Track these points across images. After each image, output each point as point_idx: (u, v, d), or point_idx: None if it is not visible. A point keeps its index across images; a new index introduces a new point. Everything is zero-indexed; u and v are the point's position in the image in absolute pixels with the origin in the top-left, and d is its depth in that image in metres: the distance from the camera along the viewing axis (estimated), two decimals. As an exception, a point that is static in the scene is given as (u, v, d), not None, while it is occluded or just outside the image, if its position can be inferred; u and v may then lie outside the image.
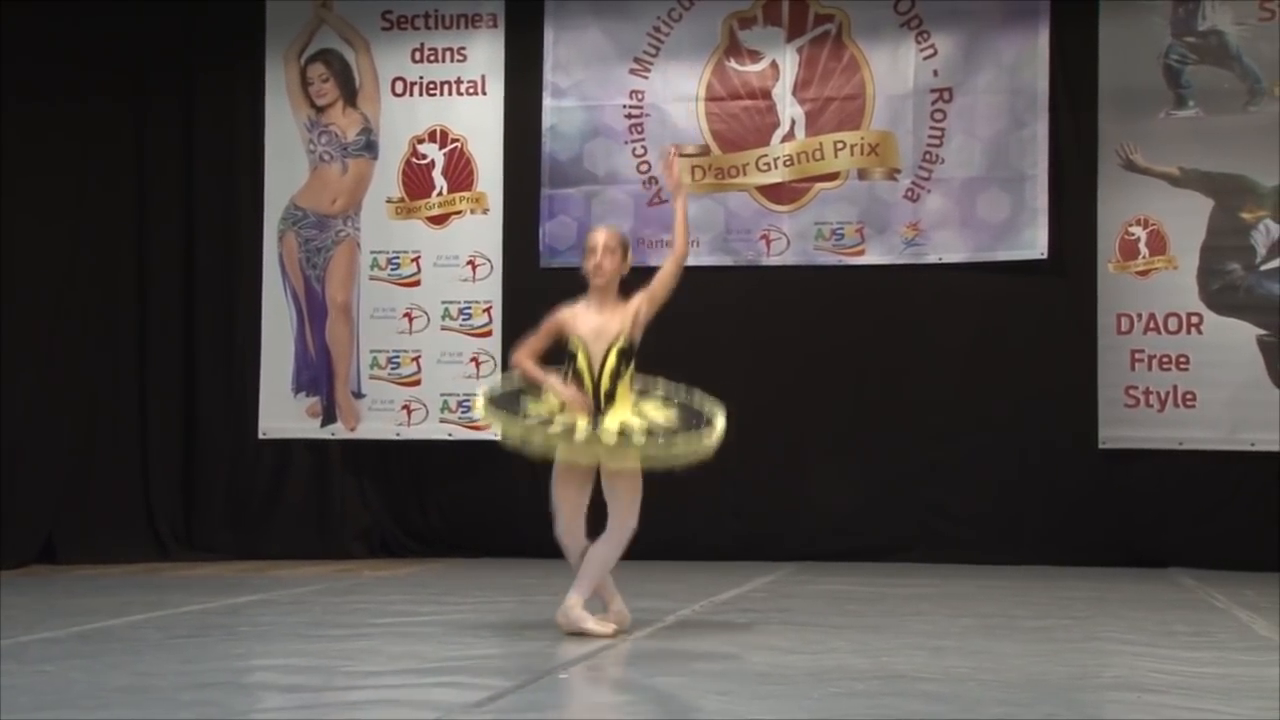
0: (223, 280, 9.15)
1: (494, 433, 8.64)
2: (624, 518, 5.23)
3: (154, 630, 5.43)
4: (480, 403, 5.38)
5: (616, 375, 5.26)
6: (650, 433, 5.13)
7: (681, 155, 8.75)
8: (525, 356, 5.38)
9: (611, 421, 5.15)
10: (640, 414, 5.22)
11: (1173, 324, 8.43)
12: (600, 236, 5.38)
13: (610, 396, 5.25)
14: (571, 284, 9.52)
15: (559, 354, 5.39)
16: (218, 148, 9.16)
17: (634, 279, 5.51)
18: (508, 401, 5.31)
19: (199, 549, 8.92)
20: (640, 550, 5.40)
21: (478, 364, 8.87)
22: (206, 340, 9.14)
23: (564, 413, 5.22)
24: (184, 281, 9.13)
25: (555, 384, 5.24)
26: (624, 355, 5.28)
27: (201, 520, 9.06)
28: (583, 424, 5.15)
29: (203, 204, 9.16)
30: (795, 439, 8.66)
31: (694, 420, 5.21)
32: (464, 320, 8.92)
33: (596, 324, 5.30)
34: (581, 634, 5.15)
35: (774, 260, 8.75)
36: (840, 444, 8.66)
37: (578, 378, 5.27)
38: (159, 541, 8.90)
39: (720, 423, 5.22)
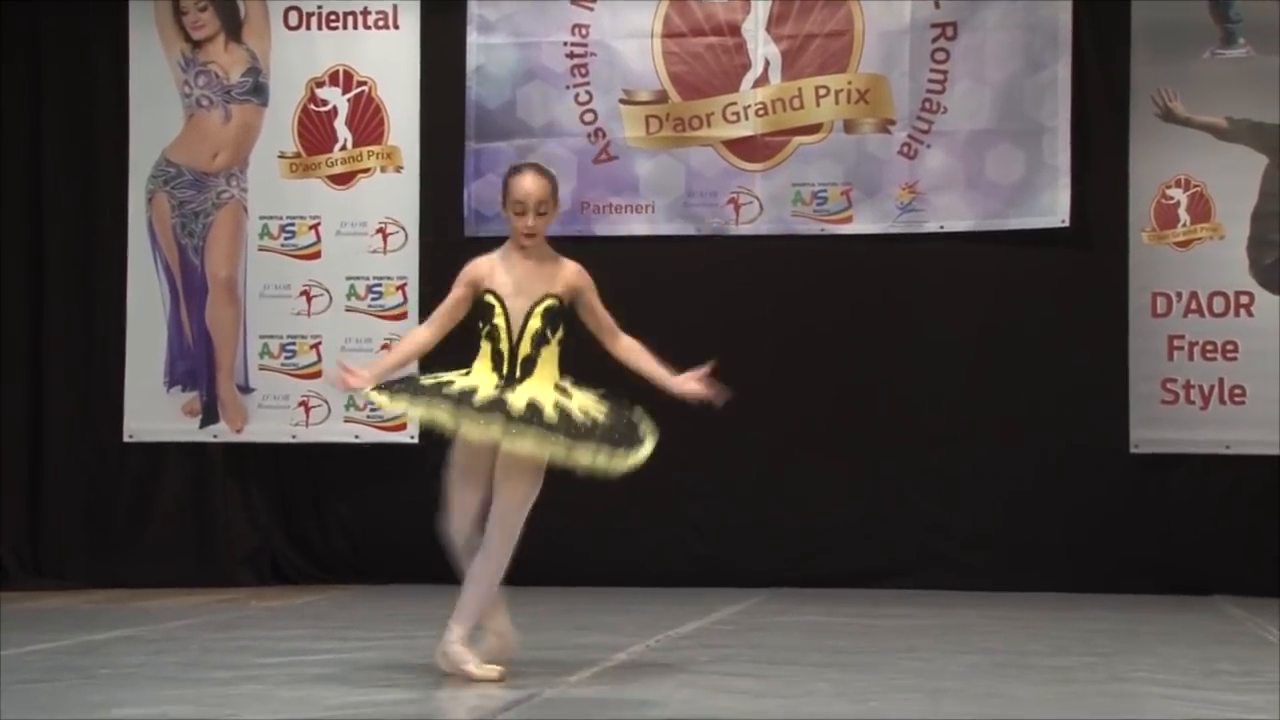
0: (78, 252, 9.09)
1: (410, 432, 8.70)
2: (508, 520, 5.19)
3: (-6, 674, 5.39)
4: (376, 394, 5.29)
5: (540, 340, 5.25)
6: (565, 417, 5.10)
7: (633, 103, 8.76)
8: (410, 339, 5.43)
9: (519, 396, 5.14)
10: (561, 394, 5.21)
11: (1218, 305, 8.50)
12: (529, 185, 5.29)
13: (529, 365, 5.23)
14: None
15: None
16: (70, 92, 9.08)
17: (578, 250, 5.52)
18: (395, 382, 5.29)
19: (48, 575, 8.87)
20: (583, 575, 5.42)
21: (390, 352, 8.83)
22: (58, 324, 9.07)
23: (466, 376, 5.22)
24: (30, 254, 9.06)
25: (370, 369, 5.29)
26: (551, 317, 5.27)
27: (51, 541, 9.00)
28: (486, 390, 5.13)
29: (53, 160, 9.08)
30: (769, 443, 8.69)
31: (620, 429, 5.18)
32: (373, 300, 8.91)
33: (518, 277, 5.29)
34: (464, 677, 5.15)
35: (744, 229, 8.77)
36: (822, 449, 8.70)
37: (493, 338, 5.26)
38: None
39: (647, 449, 5.18)
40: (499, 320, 5.26)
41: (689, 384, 5.35)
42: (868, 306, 8.74)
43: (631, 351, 5.41)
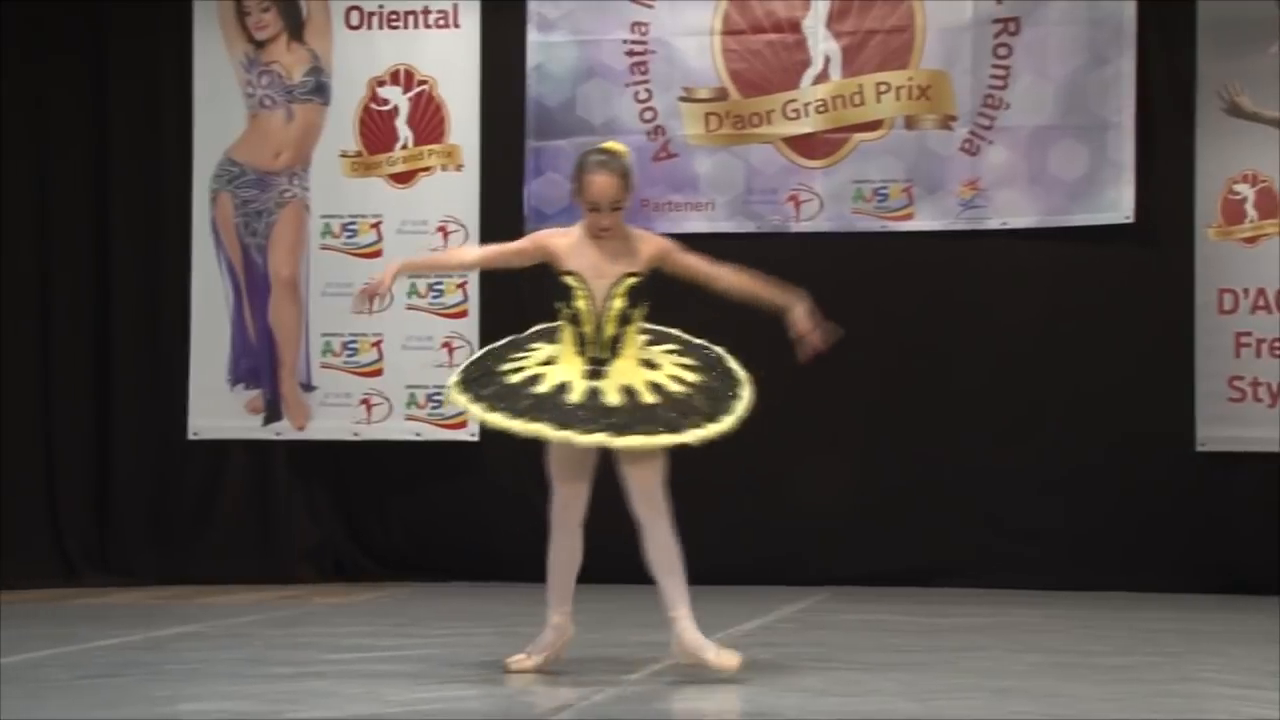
0: (144, 251, 9.16)
1: (471, 430, 8.73)
2: (653, 499, 5.12)
3: (60, 669, 5.44)
4: (452, 393, 5.27)
5: (624, 319, 5.21)
6: (663, 395, 5.05)
7: (692, 100, 8.75)
8: (456, 252, 5.40)
9: (611, 384, 5.07)
10: (649, 368, 5.15)
11: (1286, 302, 8.44)
12: (601, 185, 5.20)
13: (614, 346, 5.19)
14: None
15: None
16: (135, 93, 9.15)
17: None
18: (482, 379, 5.21)
19: (115, 572, 8.94)
20: (643, 573, 5.40)
21: (451, 350, 8.88)
22: (124, 323, 9.15)
23: (550, 363, 5.15)
24: (96, 255, 9.13)
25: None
26: (634, 295, 5.22)
27: (118, 538, 9.08)
28: (576, 383, 5.07)
29: (118, 160, 9.16)
30: (828, 440, 8.66)
31: (717, 382, 5.16)
32: (434, 298, 8.94)
33: (597, 258, 5.23)
34: (700, 665, 5.13)
35: (804, 225, 8.75)
36: (881, 446, 8.67)
37: (576, 321, 5.20)
38: (67, 563, 8.92)
39: (747, 395, 5.18)
40: (581, 303, 5.20)
41: (809, 328, 5.31)
42: (929, 304, 8.71)
43: (739, 282, 5.39)
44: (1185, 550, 8.44)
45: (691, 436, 5.09)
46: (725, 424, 5.14)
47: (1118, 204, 8.48)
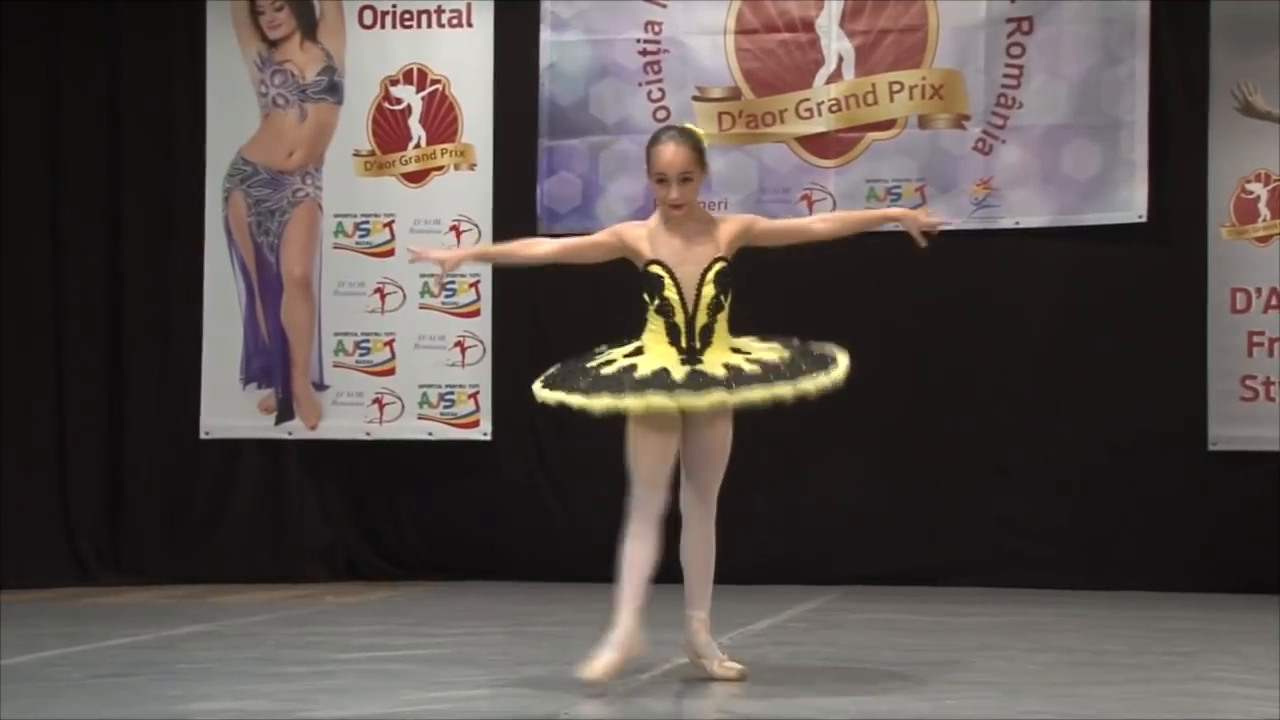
0: (156, 250, 9.17)
1: (484, 430, 8.73)
2: (714, 489, 5.08)
3: (73, 669, 5.45)
4: (540, 394, 5.05)
5: (715, 307, 5.09)
6: (762, 367, 4.99)
7: (706, 99, 8.74)
8: (525, 242, 5.34)
9: (711, 365, 4.99)
10: (740, 354, 5.07)
11: (1299, 301, 8.42)
12: (669, 156, 5.10)
13: (707, 335, 5.08)
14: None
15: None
16: (149, 92, 9.17)
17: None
18: (569, 378, 5.04)
19: (127, 571, 8.95)
20: (658, 571, 5.37)
21: (463, 349, 8.89)
22: (137, 323, 9.16)
23: (636, 354, 5.04)
24: (109, 253, 9.15)
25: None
26: (723, 281, 5.08)
27: (131, 537, 9.09)
28: (675, 368, 4.96)
29: (131, 159, 9.17)
30: (842, 439, 8.65)
31: (810, 358, 5.09)
32: (447, 297, 8.94)
33: (679, 246, 5.11)
34: (702, 672, 5.10)
35: (817, 225, 8.74)
36: (895, 445, 8.66)
37: (666, 312, 5.06)
38: (79, 562, 8.94)
39: (844, 363, 5.11)
40: (670, 293, 5.07)
41: (917, 217, 5.35)
42: (941, 303, 8.69)
43: (834, 221, 5.38)
44: (1198, 549, 8.42)
45: (810, 383, 5.00)
46: (837, 373, 5.06)
47: (1130, 203, 8.47)
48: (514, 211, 8.86)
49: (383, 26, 9.06)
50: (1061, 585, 8.30)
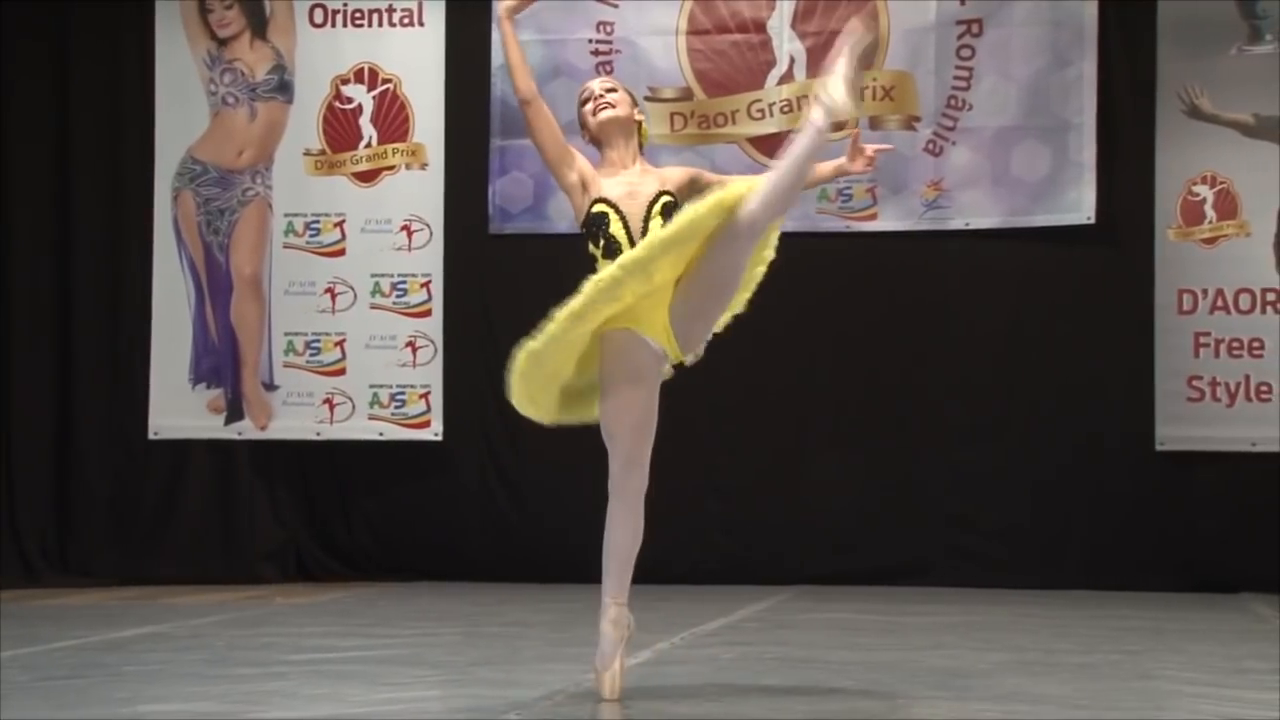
0: (104, 249, 9.11)
1: (435, 430, 8.71)
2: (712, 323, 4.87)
3: (20, 671, 5.40)
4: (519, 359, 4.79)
5: None
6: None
7: (658, 100, 8.74)
8: (526, 73, 4.92)
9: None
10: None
11: (1244, 302, 8.47)
12: (590, 83, 5.19)
13: None
14: (528, 253, 9.48)
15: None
16: (96, 89, 9.11)
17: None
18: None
19: (74, 572, 8.90)
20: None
21: (414, 349, 8.86)
22: (85, 321, 9.11)
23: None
24: (57, 253, 9.09)
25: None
26: (669, 214, 4.78)
27: (78, 538, 9.03)
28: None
29: (80, 158, 9.11)
30: (794, 440, 8.68)
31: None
32: (398, 297, 8.91)
33: (624, 181, 4.90)
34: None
35: (769, 225, 8.75)
36: (847, 446, 8.68)
37: (613, 252, 4.74)
38: (25, 563, 8.88)
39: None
40: (616, 229, 4.84)
41: (856, 160, 5.29)
42: (892, 304, 8.72)
43: (777, 174, 4.99)
44: (1147, 549, 8.47)
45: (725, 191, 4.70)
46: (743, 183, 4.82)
47: (1079, 205, 8.52)
48: (466, 211, 8.85)
49: (333, 25, 9.02)
50: (1014, 585, 8.35)
